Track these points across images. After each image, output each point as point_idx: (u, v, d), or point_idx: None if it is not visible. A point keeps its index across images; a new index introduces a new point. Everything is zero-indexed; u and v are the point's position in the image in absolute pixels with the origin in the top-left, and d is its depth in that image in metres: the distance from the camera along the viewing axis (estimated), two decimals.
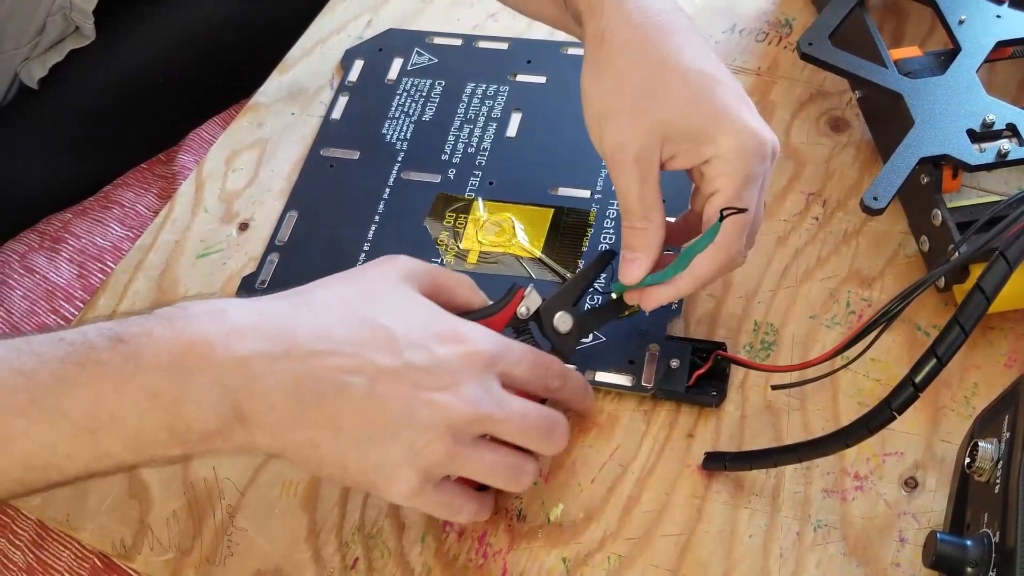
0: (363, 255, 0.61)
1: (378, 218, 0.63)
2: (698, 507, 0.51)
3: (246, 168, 0.68)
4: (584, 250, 0.59)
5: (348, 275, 0.47)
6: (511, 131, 0.66)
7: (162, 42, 0.79)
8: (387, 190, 0.64)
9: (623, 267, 0.50)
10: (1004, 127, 0.54)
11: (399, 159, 0.66)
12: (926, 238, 0.55)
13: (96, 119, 0.76)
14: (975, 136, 0.53)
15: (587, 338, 0.55)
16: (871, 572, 0.48)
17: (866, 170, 0.61)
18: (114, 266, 0.65)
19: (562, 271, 0.59)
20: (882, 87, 0.56)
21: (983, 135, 0.53)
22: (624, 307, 0.52)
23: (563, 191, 0.62)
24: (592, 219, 0.61)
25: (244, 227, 0.65)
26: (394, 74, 0.71)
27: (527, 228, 0.61)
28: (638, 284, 0.50)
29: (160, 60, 0.78)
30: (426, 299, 0.47)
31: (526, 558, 0.50)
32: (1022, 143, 0.53)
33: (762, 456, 0.49)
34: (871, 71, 0.57)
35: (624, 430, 0.53)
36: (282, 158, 0.68)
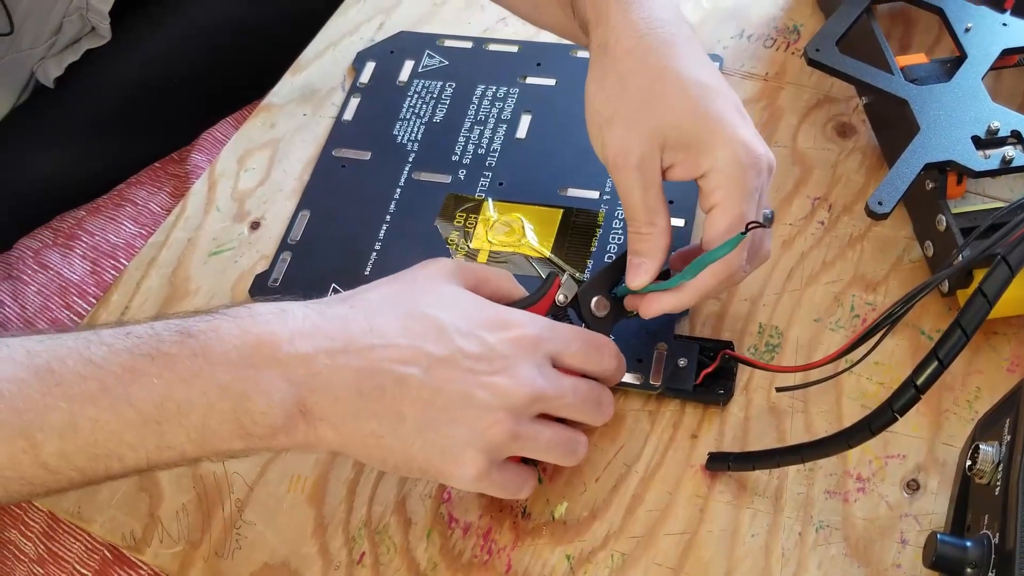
0: (374, 254, 0.62)
1: (389, 218, 0.64)
2: (701, 507, 0.51)
3: (258, 168, 0.68)
4: (593, 250, 0.60)
5: (396, 277, 0.49)
6: (521, 132, 0.67)
7: (177, 43, 0.80)
8: (398, 190, 0.65)
9: (630, 272, 0.51)
10: (1009, 134, 0.54)
11: (410, 160, 0.66)
12: (930, 243, 0.55)
13: (111, 118, 0.77)
14: (980, 143, 0.54)
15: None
16: (872, 573, 0.48)
17: (872, 175, 0.62)
18: (127, 263, 0.65)
19: (571, 271, 0.59)
20: (888, 93, 0.57)
21: (988, 142, 0.54)
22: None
23: (572, 192, 0.63)
24: (601, 220, 0.61)
25: (256, 226, 0.65)
26: (405, 76, 0.71)
27: (537, 228, 0.62)
28: (644, 289, 0.51)
29: (174, 61, 0.79)
30: (471, 292, 0.48)
31: (530, 555, 0.51)
32: None
33: (765, 457, 0.49)
34: (877, 77, 0.57)
35: (629, 430, 0.54)
36: (294, 158, 0.69)
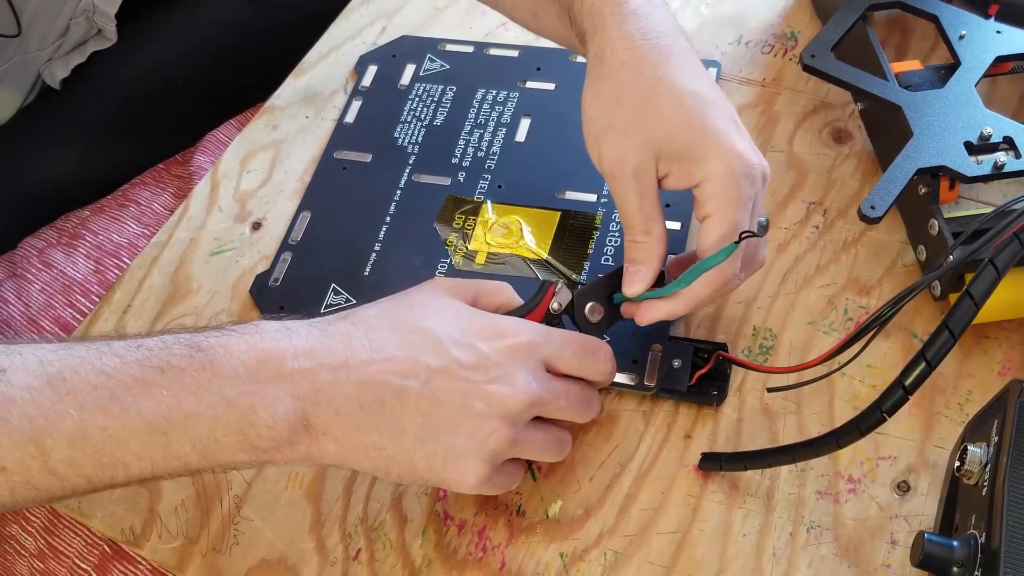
0: (374, 255, 0.63)
1: (389, 219, 0.64)
2: (694, 506, 0.52)
3: (260, 169, 0.69)
4: (590, 252, 0.61)
5: (394, 296, 0.50)
6: (520, 136, 0.67)
7: (182, 46, 0.80)
8: (398, 192, 0.66)
9: (626, 279, 0.52)
10: (1001, 140, 0.55)
11: (410, 162, 0.67)
12: (923, 248, 0.56)
13: (116, 119, 0.78)
14: (972, 148, 0.54)
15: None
16: (862, 573, 0.49)
17: (867, 180, 0.62)
18: (130, 262, 0.66)
19: (568, 272, 0.60)
20: (882, 99, 0.57)
21: (980, 147, 0.54)
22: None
23: (570, 195, 0.64)
24: (598, 222, 0.62)
25: (257, 226, 0.66)
26: (407, 79, 0.72)
27: (534, 230, 0.62)
28: (639, 297, 0.51)
29: (179, 63, 0.80)
30: (467, 305, 0.49)
31: (524, 552, 0.51)
32: (1019, 156, 0.54)
33: (756, 457, 0.50)
34: (871, 83, 0.58)
35: (623, 430, 0.55)
36: (296, 160, 0.69)
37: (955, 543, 0.41)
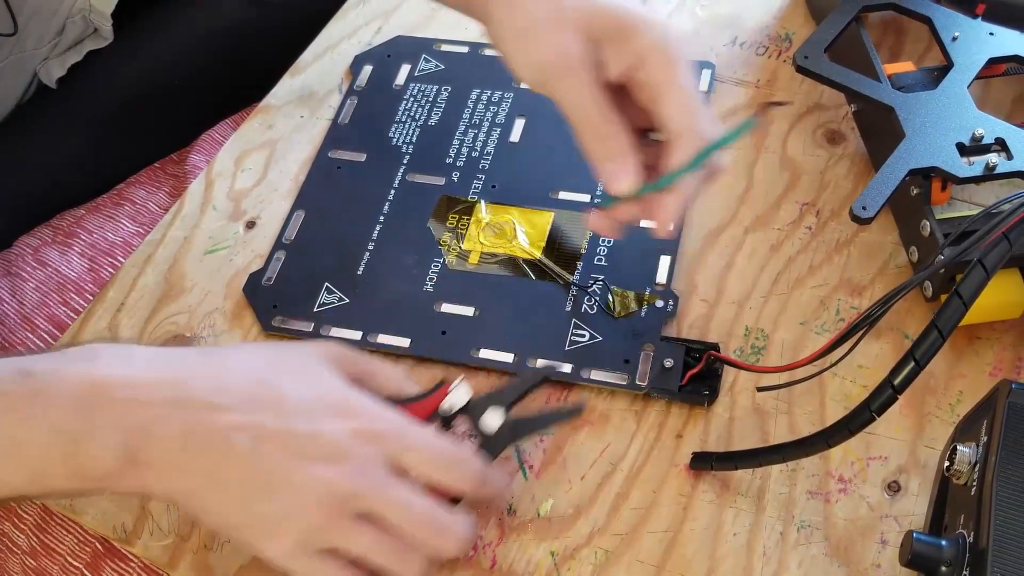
0: (368, 254, 0.63)
1: (383, 219, 0.64)
2: (684, 505, 0.52)
3: (255, 168, 0.69)
4: (583, 252, 0.61)
5: (270, 345, 0.49)
6: (514, 136, 0.68)
7: (179, 45, 0.81)
8: (392, 192, 0.66)
9: (611, 181, 0.49)
10: (993, 141, 0.55)
11: (405, 162, 0.67)
12: (915, 248, 0.56)
13: (111, 118, 0.78)
14: (964, 150, 0.55)
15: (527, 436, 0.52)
16: (852, 572, 0.49)
17: (860, 181, 0.62)
18: (124, 261, 0.66)
19: (560, 272, 0.60)
20: (875, 100, 0.57)
21: (972, 149, 0.55)
22: (568, 413, 0.52)
23: (563, 195, 0.64)
24: None
25: (251, 225, 0.66)
26: (402, 80, 0.72)
27: (528, 230, 0.62)
28: (641, 190, 0.49)
29: (175, 63, 0.80)
30: (339, 378, 0.47)
31: (515, 551, 0.51)
32: (1010, 157, 0.54)
33: (747, 456, 0.50)
34: (864, 84, 0.58)
35: (615, 429, 0.55)
36: (291, 159, 0.69)
37: (943, 542, 0.42)
